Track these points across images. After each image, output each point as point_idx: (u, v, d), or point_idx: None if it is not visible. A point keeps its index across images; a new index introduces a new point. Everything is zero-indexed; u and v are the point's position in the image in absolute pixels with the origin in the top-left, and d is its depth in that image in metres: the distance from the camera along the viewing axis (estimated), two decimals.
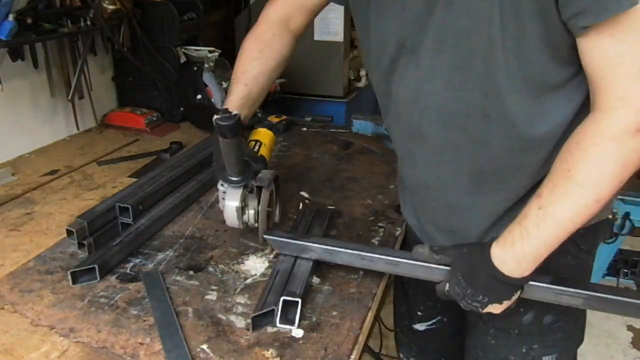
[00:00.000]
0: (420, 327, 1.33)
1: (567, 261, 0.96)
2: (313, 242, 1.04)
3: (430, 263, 0.93)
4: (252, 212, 1.07)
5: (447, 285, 0.91)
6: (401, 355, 1.46)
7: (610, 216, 0.99)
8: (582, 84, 0.82)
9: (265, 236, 1.06)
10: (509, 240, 0.83)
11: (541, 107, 0.83)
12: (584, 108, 0.83)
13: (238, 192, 1.04)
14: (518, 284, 0.85)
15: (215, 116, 0.92)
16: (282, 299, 0.92)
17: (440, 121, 0.90)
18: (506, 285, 0.85)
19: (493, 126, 0.87)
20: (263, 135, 1.21)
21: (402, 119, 0.97)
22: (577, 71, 0.81)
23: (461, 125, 0.89)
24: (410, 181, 1.08)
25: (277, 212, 1.20)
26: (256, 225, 1.08)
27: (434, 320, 1.32)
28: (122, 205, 1.17)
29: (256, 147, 1.17)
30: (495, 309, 0.88)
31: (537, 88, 0.82)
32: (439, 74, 0.86)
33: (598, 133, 0.77)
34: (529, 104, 0.83)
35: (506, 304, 0.87)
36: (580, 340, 1.10)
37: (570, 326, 1.05)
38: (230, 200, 1.04)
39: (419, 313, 1.32)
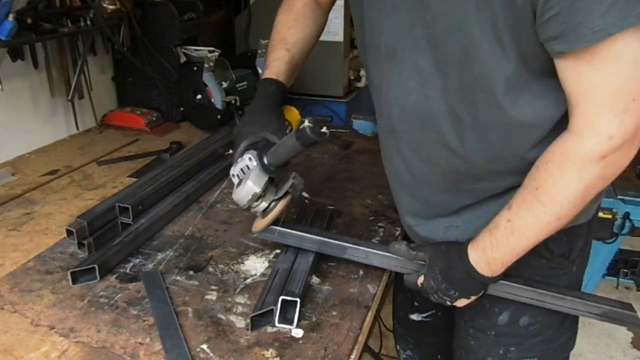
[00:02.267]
0: (416, 317, 1.36)
1: (541, 264, 0.98)
2: (295, 230, 1.07)
3: (407, 258, 1.00)
4: (264, 204, 1.01)
5: (422, 278, 0.97)
6: (398, 348, 1.49)
7: (586, 220, 0.99)
8: (554, 97, 0.82)
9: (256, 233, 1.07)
10: (481, 247, 0.90)
11: (513, 119, 0.84)
12: (556, 122, 0.84)
13: (264, 179, 0.99)
14: (489, 282, 0.93)
15: (308, 124, 0.88)
16: (280, 298, 0.92)
17: (417, 120, 0.93)
18: (478, 282, 0.93)
19: (467, 131, 0.89)
20: (291, 116, 1.18)
21: (383, 114, 1.00)
22: (551, 85, 0.81)
23: (436, 127, 0.91)
24: (388, 175, 1.10)
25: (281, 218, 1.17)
26: (258, 215, 1.05)
27: (428, 313, 1.35)
28: (122, 205, 1.17)
29: (287, 130, 1.13)
30: (461, 303, 0.96)
31: (510, 99, 0.83)
32: (418, 75, 0.88)
33: (564, 156, 0.79)
34: (502, 114, 0.84)
35: (473, 298, 0.95)
36: (566, 348, 1.09)
37: (551, 332, 1.04)
38: (253, 183, 0.98)
39: (416, 303, 1.35)
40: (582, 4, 0.68)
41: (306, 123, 0.89)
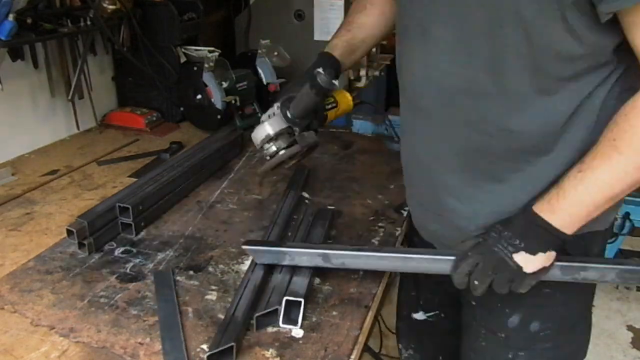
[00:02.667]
0: (419, 316, 1.35)
1: None
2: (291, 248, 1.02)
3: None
4: (274, 148, 1.10)
5: (478, 240, 0.90)
6: (400, 347, 1.48)
7: (605, 228, 0.98)
8: (584, 86, 0.82)
9: (244, 247, 1.04)
10: (546, 199, 0.85)
11: (541, 99, 0.83)
12: (581, 110, 0.84)
13: (281, 125, 1.08)
14: (556, 234, 0.85)
15: (320, 71, 0.94)
16: (285, 299, 0.92)
17: (441, 96, 0.92)
18: (544, 231, 0.85)
19: (492, 107, 0.87)
20: (343, 99, 1.23)
21: (407, 92, 1.00)
22: (582, 70, 0.81)
23: (460, 102, 0.90)
24: (405, 158, 1.09)
25: (291, 164, 1.19)
26: (267, 159, 1.12)
27: (432, 313, 1.33)
28: (122, 205, 1.17)
29: (329, 105, 1.20)
30: (528, 261, 0.85)
31: (542, 77, 0.82)
32: (445, 48, 0.88)
33: None
34: (531, 93, 0.83)
35: (540, 259, 0.85)
36: (576, 357, 1.08)
37: (562, 339, 1.03)
38: (270, 125, 1.08)
39: (421, 302, 1.34)
40: None
41: (319, 69, 0.95)
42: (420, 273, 1.22)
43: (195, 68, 1.80)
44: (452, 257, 0.92)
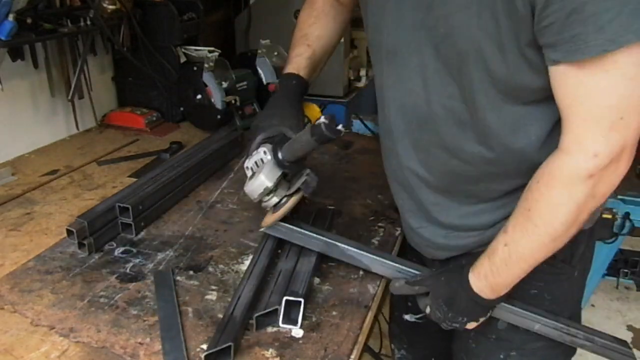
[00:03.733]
0: (409, 318, 1.36)
1: (542, 268, 0.95)
2: (303, 229, 1.07)
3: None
4: (275, 199, 1.02)
5: (428, 309, 0.97)
6: (393, 347, 1.49)
7: (589, 226, 0.98)
8: (552, 104, 0.82)
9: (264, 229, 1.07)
10: (482, 274, 0.90)
11: (515, 122, 0.84)
12: (557, 127, 0.83)
13: (277, 174, 0.99)
14: (495, 303, 0.93)
15: (324, 120, 0.88)
16: (284, 299, 0.92)
17: (415, 122, 0.93)
18: (484, 306, 0.93)
19: (467, 134, 0.88)
20: (313, 114, 1.18)
21: (384, 115, 1.00)
22: (549, 91, 0.81)
23: (435, 129, 0.91)
24: (388, 176, 1.11)
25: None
26: (268, 210, 1.05)
27: (421, 315, 1.32)
28: (122, 205, 1.17)
29: (306, 126, 1.12)
30: (471, 326, 0.96)
31: (512, 103, 0.82)
32: (420, 76, 0.88)
33: (552, 175, 0.79)
34: (503, 117, 0.84)
35: (482, 320, 0.96)
36: (568, 353, 1.08)
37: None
38: (265, 177, 0.98)
39: (409, 304, 1.34)
40: (580, 16, 0.67)
41: (322, 119, 0.88)
42: None
43: (195, 68, 1.80)
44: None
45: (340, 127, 0.89)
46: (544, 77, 0.77)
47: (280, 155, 0.98)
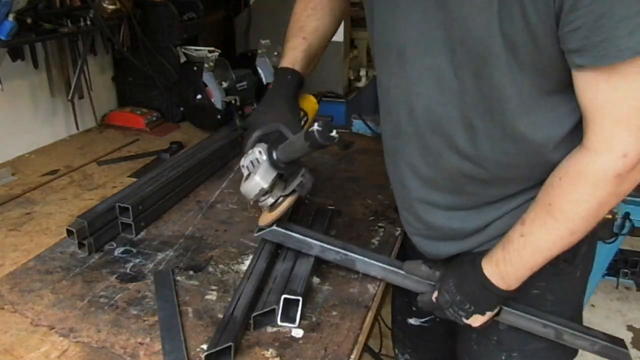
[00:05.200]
0: (414, 322, 1.35)
1: (544, 269, 0.95)
2: (300, 234, 1.06)
3: (425, 278, 0.99)
4: (271, 199, 1.00)
5: (436, 293, 0.96)
6: (396, 351, 1.48)
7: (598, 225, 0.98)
8: (571, 110, 0.82)
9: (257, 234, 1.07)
10: (494, 261, 0.89)
11: (526, 131, 0.84)
12: (570, 134, 0.84)
13: (272, 175, 0.97)
14: (504, 295, 0.91)
15: (317, 127, 0.86)
16: (283, 297, 0.92)
17: (426, 124, 0.91)
18: (493, 295, 0.91)
19: (481, 137, 0.87)
20: (309, 106, 1.16)
21: (391, 116, 0.98)
22: (566, 98, 0.81)
23: (447, 132, 0.89)
24: (391, 178, 1.09)
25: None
26: (264, 210, 1.05)
27: (427, 318, 1.33)
28: (122, 205, 1.17)
29: (302, 121, 1.13)
30: (476, 320, 0.94)
31: (526, 110, 0.82)
32: (432, 78, 0.86)
33: (578, 173, 0.79)
34: (515, 126, 0.84)
35: (488, 315, 0.94)
36: (569, 354, 1.08)
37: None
38: (261, 178, 0.97)
39: (414, 308, 1.33)
40: (609, 21, 0.66)
41: (315, 127, 0.87)
42: None
43: (195, 68, 1.80)
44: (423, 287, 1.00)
45: (334, 133, 0.88)
46: (558, 88, 0.78)
47: (275, 156, 0.97)
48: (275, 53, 1.90)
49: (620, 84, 0.71)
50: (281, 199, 1.01)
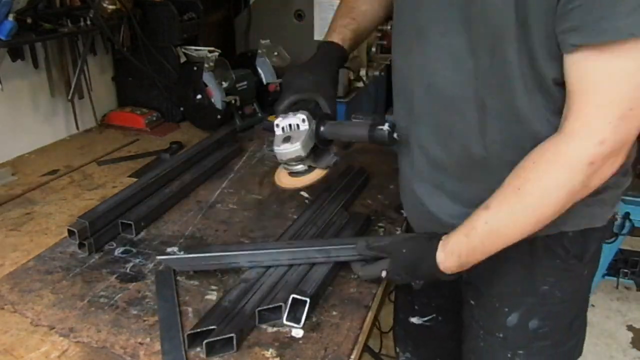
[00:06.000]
0: (416, 321, 1.35)
1: (555, 264, 0.96)
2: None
3: (367, 256, 0.98)
4: (301, 167, 1.03)
5: (384, 272, 0.95)
6: (397, 350, 1.48)
7: (603, 224, 0.97)
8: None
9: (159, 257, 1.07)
10: (456, 252, 0.88)
11: (541, 109, 0.83)
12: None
13: (311, 145, 1.00)
14: (452, 278, 0.91)
15: (388, 128, 0.91)
16: (291, 296, 0.92)
17: (440, 103, 0.91)
18: (434, 277, 0.92)
19: (491, 118, 0.87)
20: None
21: (406, 96, 0.98)
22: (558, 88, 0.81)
23: (459, 111, 0.89)
24: (401, 163, 1.09)
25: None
26: (284, 170, 1.07)
27: (429, 317, 1.33)
28: (124, 206, 1.17)
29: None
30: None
31: (542, 88, 0.81)
32: (449, 56, 0.87)
33: (553, 157, 0.78)
34: (530, 104, 0.83)
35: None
36: (573, 354, 1.08)
37: (559, 336, 1.03)
38: (302, 146, 0.99)
39: (416, 307, 1.34)
40: (610, 1, 0.67)
41: (386, 127, 0.91)
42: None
43: (195, 68, 1.80)
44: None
45: (395, 135, 0.92)
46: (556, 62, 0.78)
47: (322, 129, 0.99)
48: (276, 53, 1.90)
49: (608, 64, 0.71)
50: (309, 168, 1.03)
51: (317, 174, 1.04)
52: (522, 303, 1.00)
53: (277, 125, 1.02)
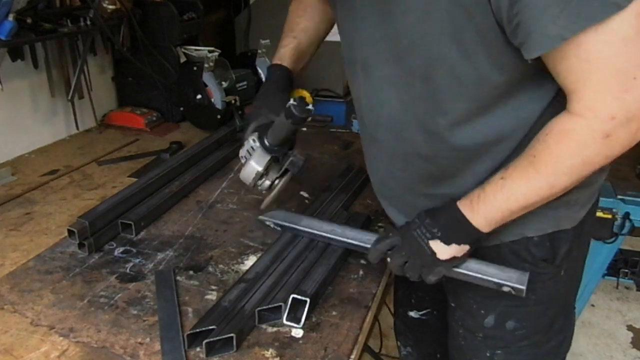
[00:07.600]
0: (414, 314, 1.37)
1: (524, 267, 0.96)
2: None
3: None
4: (267, 182, 1.09)
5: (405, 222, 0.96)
6: (398, 344, 1.50)
7: (572, 225, 0.97)
8: (522, 104, 0.84)
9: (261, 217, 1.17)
10: (469, 197, 0.89)
11: (481, 124, 0.86)
12: (529, 121, 0.86)
13: (266, 158, 1.06)
14: (472, 231, 0.89)
15: (292, 102, 0.95)
16: (291, 296, 0.92)
17: (392, 131, 0.95)
18: (462, 226, 0.89)
19: (437, 141, 0.89)
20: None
21: (365, 122, 1.02)
22: (517, 90, 0.83)
23: (409, 137, 0.92)
24: (373, 182, 1.12)
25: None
26: (263, 192, 1.12)
27: (425, 311, 1.36)
28: (123, 206, 1.17)
29: None
30: (441, 250, 0.91)
31: (477, 108, 0.84)
32: (390, 86, 0.90)
33: (565, 133, 0.79)
34: (468, 122, 0.86)
35: (452, 250, 0.90)
36: (557, 352, 1.08)
37: (539, 337, 1.03)
38: (255, 162, 1.06)
39: (413, 301, 1.36)
40: (535, 12, 0.69)
41: (291, 101, 0.95)
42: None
43: (195, 68, 1.80)
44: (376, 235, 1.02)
45: (310, 106, 0.96)
46: (504, 72, 0.79)
47: (266, 141, 1.06)
48: None
49: (591, 55, 0.71)
50: (277, 180, 1.09)
51: (284, 181, 1.09)
52: (497, 305, 1.01)
53: (241, 157, 1.10)
